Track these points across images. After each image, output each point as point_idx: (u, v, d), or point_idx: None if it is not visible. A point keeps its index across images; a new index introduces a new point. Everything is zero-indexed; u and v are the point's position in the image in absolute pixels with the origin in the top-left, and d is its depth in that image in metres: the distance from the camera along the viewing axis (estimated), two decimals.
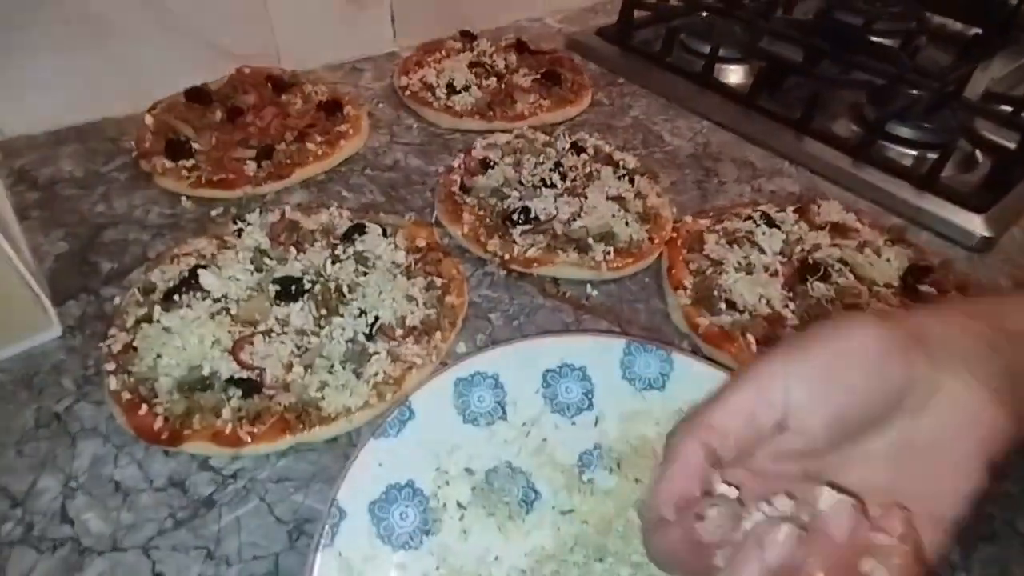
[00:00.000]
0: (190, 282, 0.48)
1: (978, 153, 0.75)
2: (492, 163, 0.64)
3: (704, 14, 0.97)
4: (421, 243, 0.56)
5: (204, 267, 0.49)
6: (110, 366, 0.44)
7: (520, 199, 0.60)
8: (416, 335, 0.48)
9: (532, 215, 0.57)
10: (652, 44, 0.92)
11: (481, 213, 0.60)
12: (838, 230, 0.60)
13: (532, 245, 0.56)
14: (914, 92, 0.78)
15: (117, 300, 0.50)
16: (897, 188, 0.68)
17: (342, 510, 0.35)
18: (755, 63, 0.88)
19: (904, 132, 0.75)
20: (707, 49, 0.85)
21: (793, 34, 0.87)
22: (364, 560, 0.34)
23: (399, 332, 0.48)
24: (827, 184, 0.71)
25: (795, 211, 0.62)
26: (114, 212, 0.59)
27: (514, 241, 0.56)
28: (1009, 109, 0.80)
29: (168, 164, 0.62)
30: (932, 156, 0.69)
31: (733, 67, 0.89)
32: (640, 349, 0.45)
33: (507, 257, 0.56)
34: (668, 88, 0.85)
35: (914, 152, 0.74)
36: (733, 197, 0.68)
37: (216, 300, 0.48)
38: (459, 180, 0.63)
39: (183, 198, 0.61)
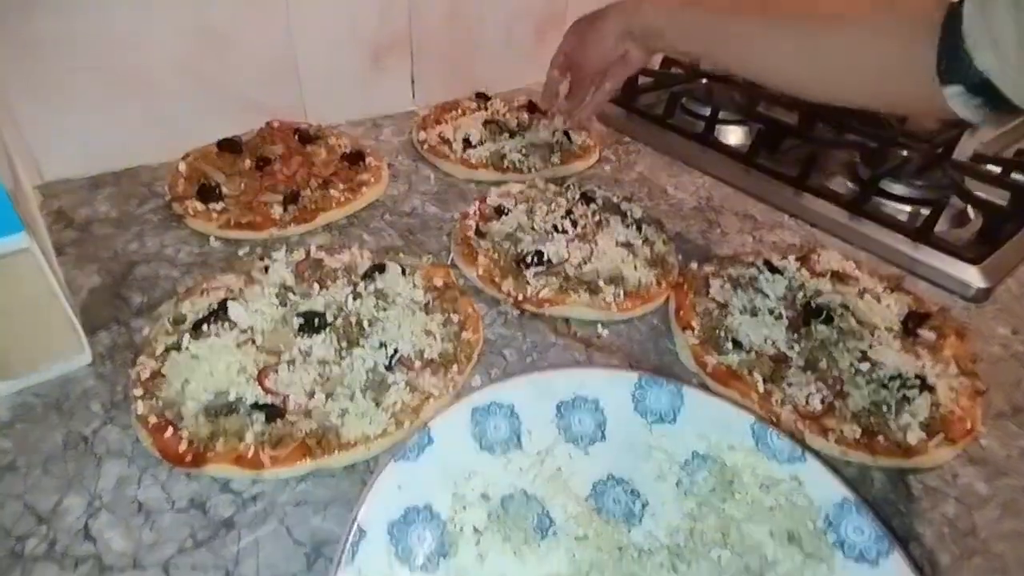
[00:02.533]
0: (219, 313, 0.50)
1: (970, 210, 0.78)
2: (506, 210, 0.68)
3: (704, 80, 1.04)
4: (438, 282, 0.58)
5: (232, 300, 0.52)
6: (138, 391, 0.46)
7: (533, 243, 0.63)
8: (433, 367, 0.49)
9: (545, 258, 0.60)
10: (655, 107, 0.98)
11: (495, 256, 0.62)
12: (838, 277, 0.62)
13: (545, 286, 0.58)
14: (904, 153, 0.82)
15: (146, 331, 0.52)
16: (893, 241, 0.71)
17: (362, 530, 0.36)
18: (753, 125, 0.93)
19: (897, 189, 0.79)
20: (708, 112, 0.90)
21: (788, 100, 0.93)
22: None
23: (417, 364, 0.49)
24: (826, 236, 0.74)
25: (797, 259, 0.64)
26: (146, 250, 0.62)
27: (527, 282, 0.59)
28: (998, 170, 0.84)
29: (199, 207, 0.66)
30: (925, 212, 0.72)
31: (733, 128, 0.94)
32: (651, 383, 0.47)
33: (521, 297, 0.58)
34: (671, 147, 0.90)
35: (908, 208, 0.78)
36: (736, 247, 0.71)
37: (243, 331, 0.50)
38: (474, 225, 0.66)
39: (212, 238, 0.64)
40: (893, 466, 0.46)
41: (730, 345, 0.54)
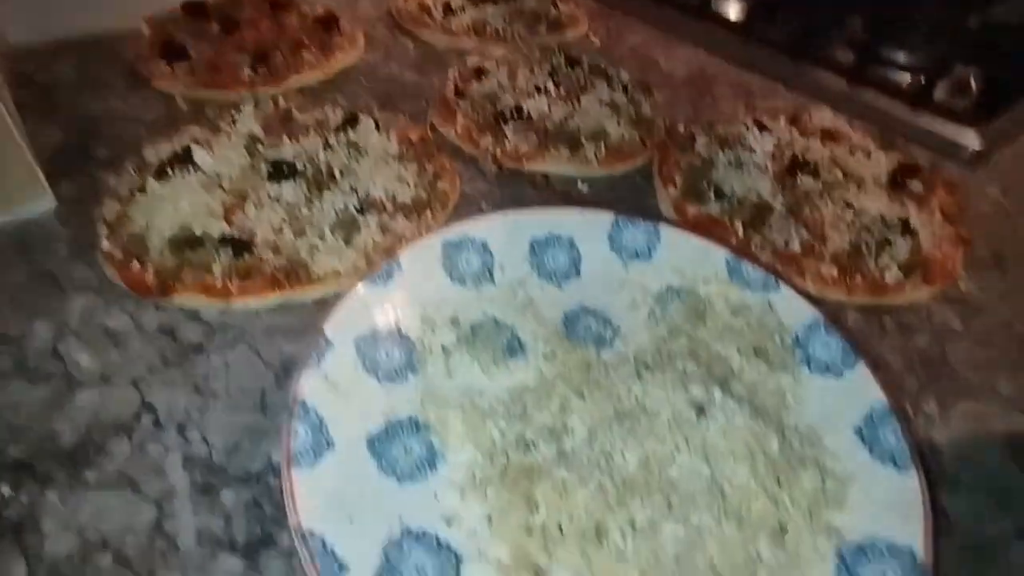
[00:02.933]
0: (183, 157, 0.49)
1: (972, 80, 0.75)
2: (488, 71, 0.65)
3: None
4: (414, 137, 0.56)
5: (196, 146, 0.50)
6: (103, 230, 0.45)
7: (513, 101, 0.60)
8: (406, 212, 0.48)
9: (525, 113, 0.58)
10: None
11: (474, 115, 0.60)
12: (829, 136, 0.60)
13: (524, 141, 0.56)
14: (912, 16, 0.78)
15: (112, 182, 0.51)
16: (891, 107, 0.68)
17: (329, 341, 0.35)
18: None
19: (899, 57, 0.75)
20: None
21: None
22: (350, 383, 0.35)
23: (389, 208, 0.48)
24: (822, 106, 0.71)
25: (787, 119, 0.62)
26: (111, 109, 0.60)
27: (506, 137, 0.57)
28: (1008, 37, 0.80)
29: (165, 67, 0.63)
30: (926, 78, 0.69)
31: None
32: (627, 222, 0.46)
33: (499, 153, 0.56)
34: (665, 20, 0.85)
35: (909, 75, 0.74)
36: (727, 114, 0.68)
37: (209, 176, 0.48)
38: (453, 85, 0.63)
39: (178, 98, 0.61)
40: (868, 304, 0.46)
41: (712, 195, 0.52)
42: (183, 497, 0.32)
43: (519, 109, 0.58)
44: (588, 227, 0.45)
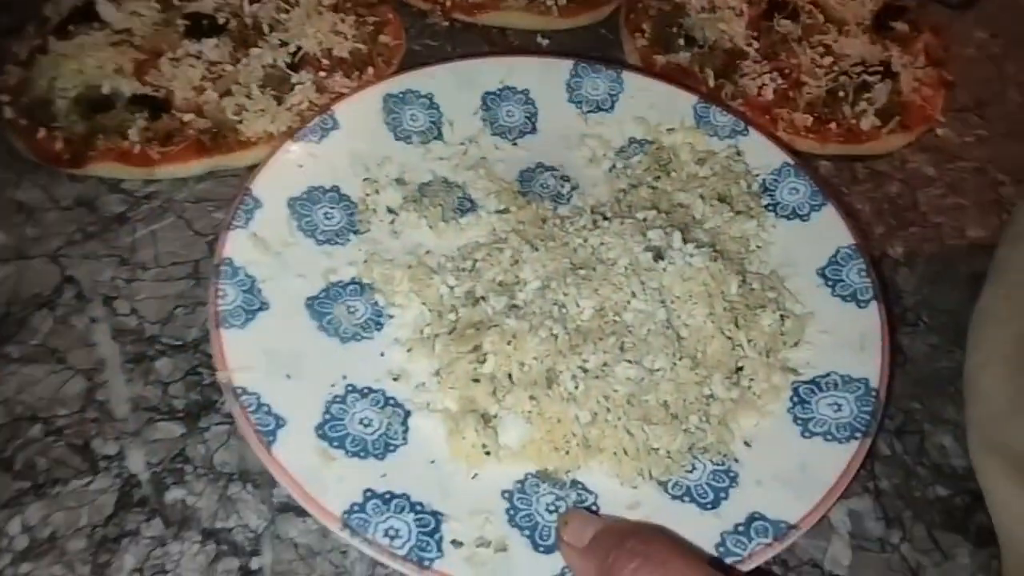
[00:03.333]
0: (86, 12, 0.43)
1: None
2: None
3: None
4: None
5: None
6: (4, 98, 0.40)
7: None
8: (345, 68, 0.43)
9: None
10: None
11: None
12: None
13: None
14: None
15: (14, 49, 0.45)
16: None
17: (256, 199, 0.32)
18: None
19: None
20: None
21: None
22: (284, 245, 0.32)
23: (326, 63, 0.43)
24: None
25: None
26: None
27: None
28: None
29: None
30: None
31: None
32: (588, 70, 0.42)
33: (449, 4, 0.50)
34: None
35: None
36: None
37: (116, 32, 0.43)
38: None
39: None
40: (842, 153, 0.43)
41: (682, 42, 0.48)
42: (114, 367, 0.30)
43: None
44: (545, 77, 0.42)
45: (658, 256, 0.30)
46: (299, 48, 0.43)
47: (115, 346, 0.31)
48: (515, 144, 0.40)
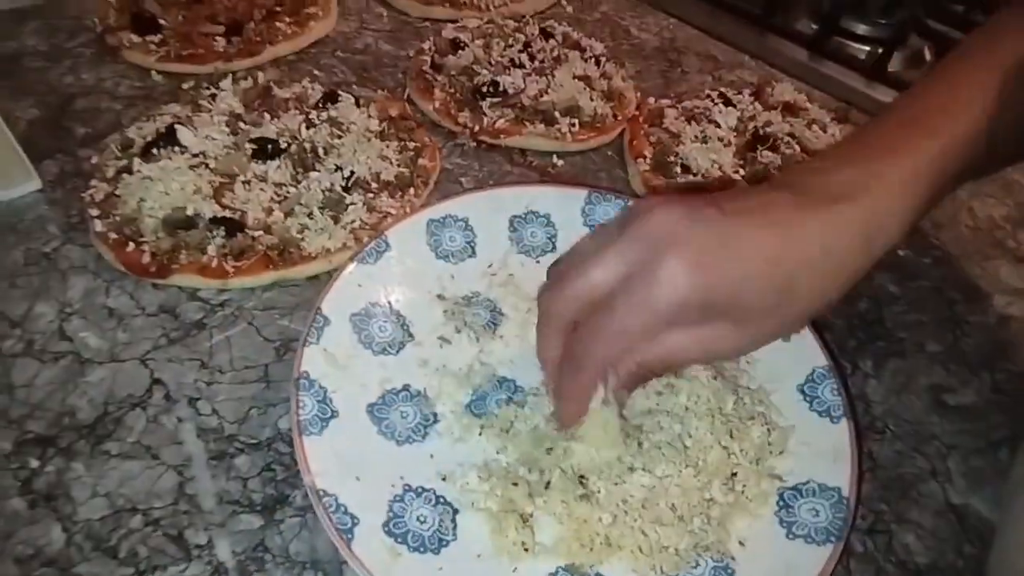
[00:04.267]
0: (167, 137, 0.49)
1: (926, 51, 0.79)
2: (463, 44, 0.66)
3: None
4: (394, 113, 0.57)
5: (180, 124, 0.51)
6: (94, 212, 0.46)
7: (490, 77, 0.61)
8: (391, 190, 0.50)
9: (501, 88, 0.59)
10: None
11: (452, 90, 0.61)
12: (789, 109, 0.63)
13: (501, 117, 0.58)
14: None
15: (94, 159, 0.51)
16: (849, 79, 0.72)
17: (326, 317, 0.38)
18: None
19: (860, 29, 0.78)
20: None
21: None
22: (348, 357, 0.38)
23: (374, 186, 0.50)
24: (784, 77, 0.74)
25: (751, 93, 0.65)
26: (84, 83, 0.59)
27: (484, 113, 0.59)
28: (960, 8, 0.84)
29: (135, 39, 0.62)
30: (883, 51, 0.72)
31: None
32: (600, 199, 0.49)
33: (477, 128, 0.58)
34: None
35: (867, 47, 0.78)
36: (694, 85, 0.71)
37: (194, 155, 0.49)
38: (430, 59, 0.64)
39: (153, 72, 0.61)
40: None
41: (679, 170, 0.55)
42: (200, 464, 0.35)
43: (495, 85, 0.59)
44: (563, 204, 0.48)
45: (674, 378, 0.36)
46: (352, 173, 0.50)
47: (200, 444, 0.36)
48: (538, 262, 0.47)
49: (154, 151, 0.49)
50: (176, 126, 0.50)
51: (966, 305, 0.50)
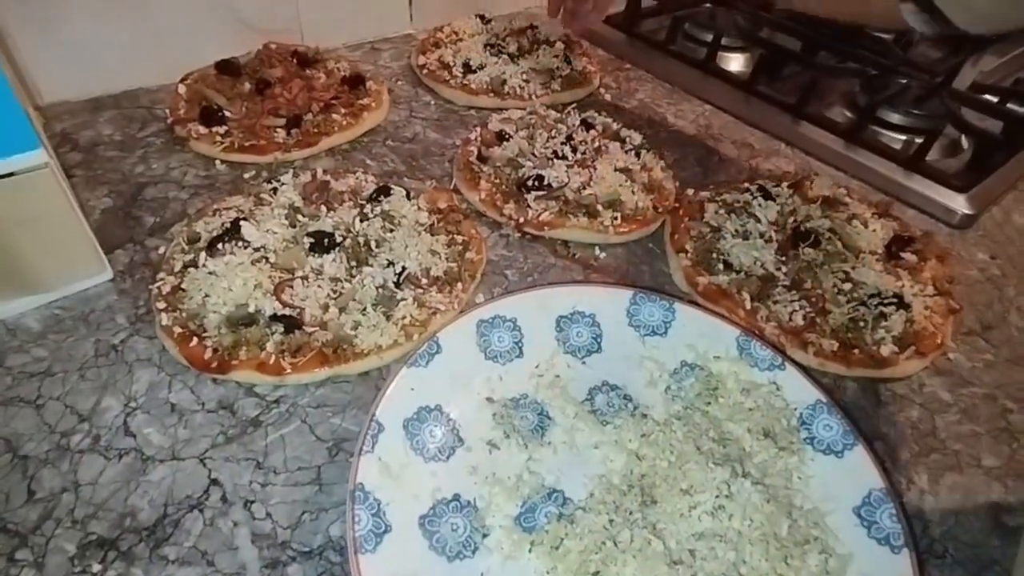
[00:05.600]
0: (232, 232, 0.52)
1: (963, 140, 0.80)
2: (507, 136, 0.69)
3: (707, 5, 1.02)
4: (442, 205, 0.60)
5: (244, 219, 0.53)
6: (160, 304, 0.48)
7: (534, 168, 0.64)
8: (439, 285, 0.52)
9: (545, 182, 0.62)
10: (657, 32, 0.96)
11: (497, 181, 0.64)
12: (829, 203, 0.64)
13: (545, 210, 0.60)
14: (904, 82, 0.82)
15: (162, 250, 0.54)
16: (885, 169, 0.73)
17: (380, 424, 0.39)
18: (755, 51, 0.92)
19: (894, 118, 0.80)
20: (710, 37, 0.89)
21: (792, 25, 0.92)
22: (401, 467, 0.38)
23: (424, 281, 0.52)
24: (820, 164, 0.76)
25: (790, 186, 0.66)
26: (153, 172, 0.63)
27: (528, 206, 0.61)
28: (995, 99, 0.85)
29: (202, 130, 0.66)
30: (920, 141, 0.73)
31: (734, 55, 0.93)
32: (645, 299, 0.50)
33: (522, 220, 0.60)
34: (672, 74, 0.89)
35: (903, 137, 0.79)
36: (732, 174, 0.72)
37: (256, 250, 0.52)
38: (476, 151, 0.67)
39: (217, 162, 0.65)
40: (866, 376, 0.50)
41: (721, 266, 0.56)
42: (253, 571, 0.36)
43: (540, 178, 0.62)
44: (609, 304, 0.49)
45: (727, 497, 0.36)
46: (403, 268, 0.52)
47: (254, 550, 0.37)
48: (584, 363, 0.48)
49: (219, 246, 0.51)
50: (241, 222, 0.53)
51: (1021, 415, 0.49)
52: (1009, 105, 0.84)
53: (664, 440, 0.40)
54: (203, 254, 0.51)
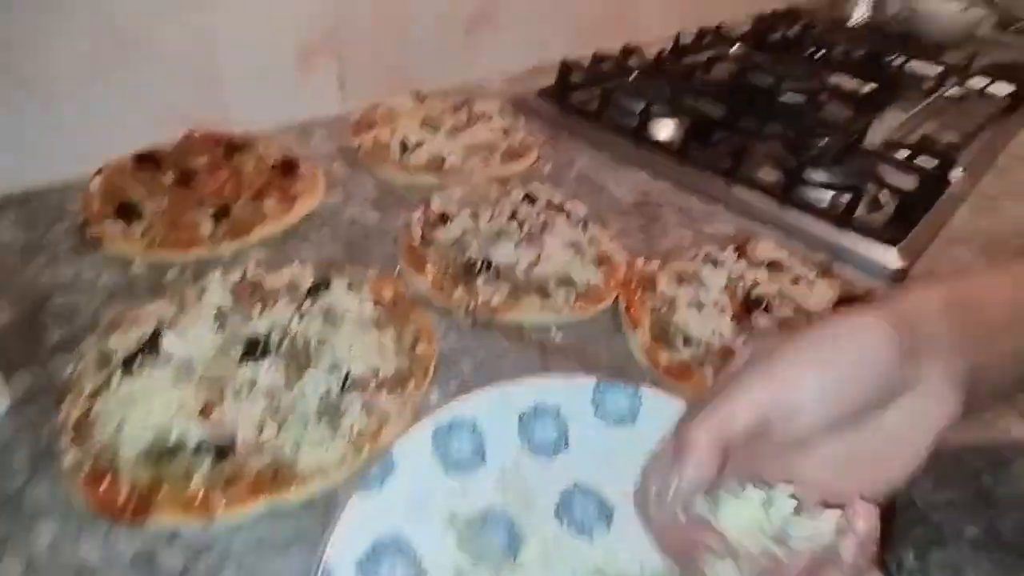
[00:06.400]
0: (151, 346, 0.47)
1: (883, 195, 0.84)
2: (451, 216, 0.67)
3: (634, 75, 1.06)
4: (388, 295, 0.56)
5: (165, 329, 0.48)
6: (65, 439, 0.42)
7: (480, 249, 0.62)
8: (390, 386, 0.48)
9: (494, 263, 0.60)
10: (589, 103, 0.99)
11: (444, 264, 0.61)
12: (774, 266, 0.65)
13: (496, 292, 0.58)
14: (823, 142, 0.87)
15: (69, 369, 0.48)
16: (819, 227, 0.75)
17: (329, 571, 0.34)
18: (684, 118, 0.96)
19: (820, 177, 0.84)
20: (640, 107, 0.92)
21: (714, 93, 0.96)
22: None
23: (372, 384, 0.48)
24: (758, 225, 0.77)
25: (735, 250, 0.67)
26: (61, 279, 0.57)
27: (478, 290, 0.58)
28: (906, 154, 0.91)
29: (118, 227, 0.61)
30: (846, 197, 0.76)
31: (665, 122, 0.97)
32: (609, 387, 0.47)
33: (472, 306, 0.57)
34: (607, 143, 0.91)
35: (830, 194, 0.82)
36: (676, 240, 0.73)
37: (180, 364, 0.47)
38: (420, 233, 0.65)
39: (135, 263, 0.60)
40: None
41: (681, 342, 0.55)
42: None
43: (488, 261, 0.60)
44: (572, 395, 0.47)
45: None
46: (349, 372, 0.48)
47: None
48: (551, 463, 0.44)
49: (136, 363, 0.46)
50: (161, 332, 0.47)
51: (993, 475, 0.48)
52: (919, 159, 0.90)
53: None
54: (117, 374, 0.45)
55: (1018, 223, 0.84)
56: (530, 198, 0.72)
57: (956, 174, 0.86)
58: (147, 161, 0.70)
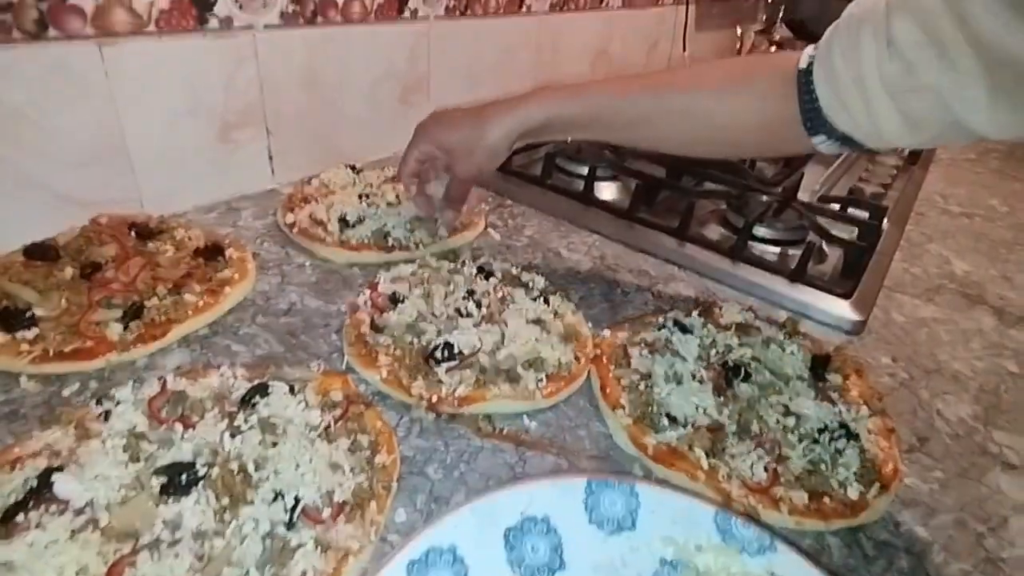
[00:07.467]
0: (40, 493, 0.38)
1: (824, 245, 0.86)
2: (401, 297, 0.61)
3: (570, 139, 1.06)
4: (337, 396, 0.49)
5: (59, 469, 0.39)
6: None
7: (438, 333, 0.56)
8: (348, 513, 0.40)
9: (456, 350, 0.54)
10: (531, 167, 0.97)
11: (398, 353, 0.55)
12: (742, 329, 0.63)
13: (460, 382, 0.52)
14: (763, 198, 0.88)
15: None
16: (774, 283, 0.75)
17: None
18: (629, 180, 0.96)
19: (766, 232, 0.84)
20: (584, 171, 0.91)
21: (653, 155, 0.97)
22: None
23: (326, 512, 0.40)
24: (715, 284, 0.76)
25: (700, 314, 0.64)
26: None
27: (439, 380, 0.52)
28: (837, 207, 0.94)
29: (2, 338, 0.51)
30: (793, 252, 0.77)
31: (609, 184, 0.96)
32: (602, 486, 0.42)
33: (435, 399, 0.51)
34: (555, 207, 0.89)
35: (778, 249, 0.83)
36: (638, 305, 0.70)
37: (79, 512, 0.38)
38: (368, 319, 0.58)
39: (23, 379, 0.50)
40: (844, 526, 0.45)
41: (665, 421, 0.51)
42: None
43: (449, 346, 0.54)
44: (561, 500, 0.41)
45: None
46: (296, 500, 0.40)
47: None
48: None
49: (20, 517, 0.36)
50: (53, 475, 0.38)
51: (995, 538, 0.46)
52: (851, 211, 0.93)
53: None
54: None
55: (945, 266, 0.88)
56: (485, 272, 0.67)
57: (886, 224, 0.90)
58: (39, 254, 0.60)
